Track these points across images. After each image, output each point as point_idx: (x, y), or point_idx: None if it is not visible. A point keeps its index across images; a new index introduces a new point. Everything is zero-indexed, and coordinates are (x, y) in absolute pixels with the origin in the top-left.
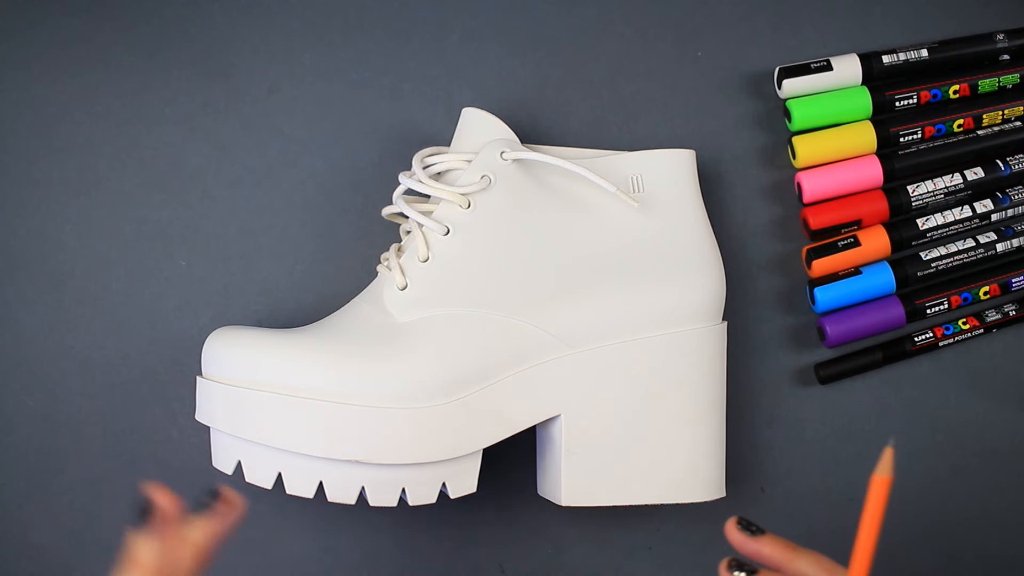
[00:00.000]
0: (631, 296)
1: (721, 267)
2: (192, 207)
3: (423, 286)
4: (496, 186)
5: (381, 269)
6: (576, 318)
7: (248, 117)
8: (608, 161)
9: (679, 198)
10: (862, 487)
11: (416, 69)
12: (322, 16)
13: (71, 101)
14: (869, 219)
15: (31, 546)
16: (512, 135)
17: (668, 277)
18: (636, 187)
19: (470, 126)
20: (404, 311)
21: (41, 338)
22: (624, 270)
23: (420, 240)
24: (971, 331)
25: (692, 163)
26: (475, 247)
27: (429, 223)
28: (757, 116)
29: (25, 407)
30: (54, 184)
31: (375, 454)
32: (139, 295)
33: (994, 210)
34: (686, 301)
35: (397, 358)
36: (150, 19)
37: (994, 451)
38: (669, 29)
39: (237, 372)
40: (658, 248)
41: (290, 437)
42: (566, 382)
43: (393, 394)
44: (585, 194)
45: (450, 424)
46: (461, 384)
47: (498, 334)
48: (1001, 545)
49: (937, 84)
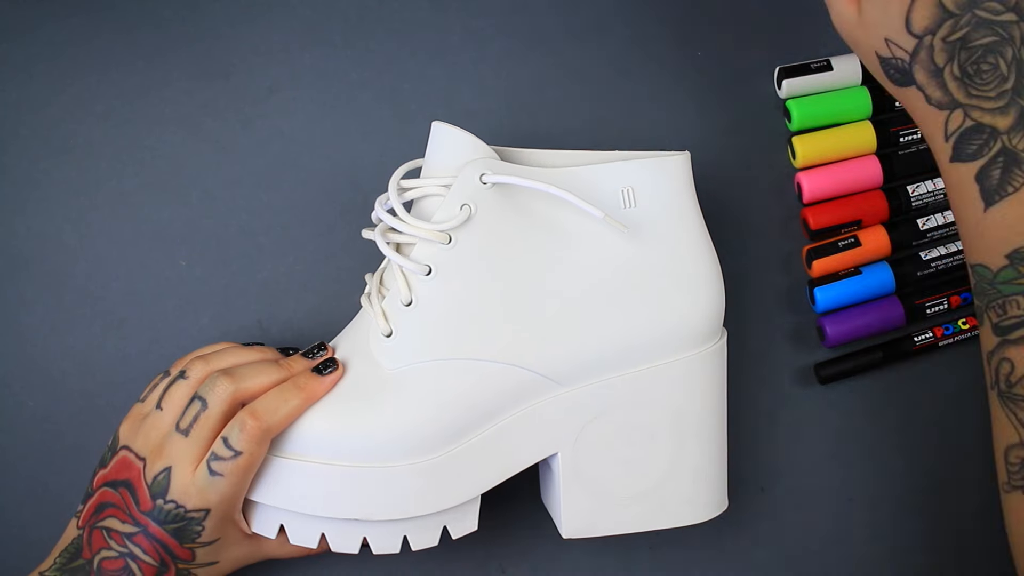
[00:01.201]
0: (625, 326)
1: (721, 283)
2: (192, 207)
3: (409, 334)
4: (477, 216)
5: (364, 302)
6: (568, 356)
7: (248, 117)
8: (598, 173)
9: (675, 210)
10: (862, 487)
11: (416, 69)
12: (322, 16)
13: (71, 101)
14: (869, 219)
15: (31, 546)
16: (489, 151)
17: (665, 301)
18: (628, 202)
19: (442, 144)
20: (392, 360)
21: (41, 338)
22: (617, 298)
23: (402, 282)
24: (971, 331)
25: (688, 168)
26: (459, 288)
27: (409, 264)
28: (757, 116)
29: (25, 407)
30: (54, 184)
31: (376, 513)
32: (139, 295)
33: None
34: (684, 325)
35: (390, 412)
36: (150, 19)
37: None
38: (669, 29)
39: None
40: (653, 269)
41: (288, 498)
42: (561, 421)
43: (389, 452)
44: (573, 217)
45: (449, 474)
46: (456, 434)
47: (491, 380)
48: (1001, 545)
49: None
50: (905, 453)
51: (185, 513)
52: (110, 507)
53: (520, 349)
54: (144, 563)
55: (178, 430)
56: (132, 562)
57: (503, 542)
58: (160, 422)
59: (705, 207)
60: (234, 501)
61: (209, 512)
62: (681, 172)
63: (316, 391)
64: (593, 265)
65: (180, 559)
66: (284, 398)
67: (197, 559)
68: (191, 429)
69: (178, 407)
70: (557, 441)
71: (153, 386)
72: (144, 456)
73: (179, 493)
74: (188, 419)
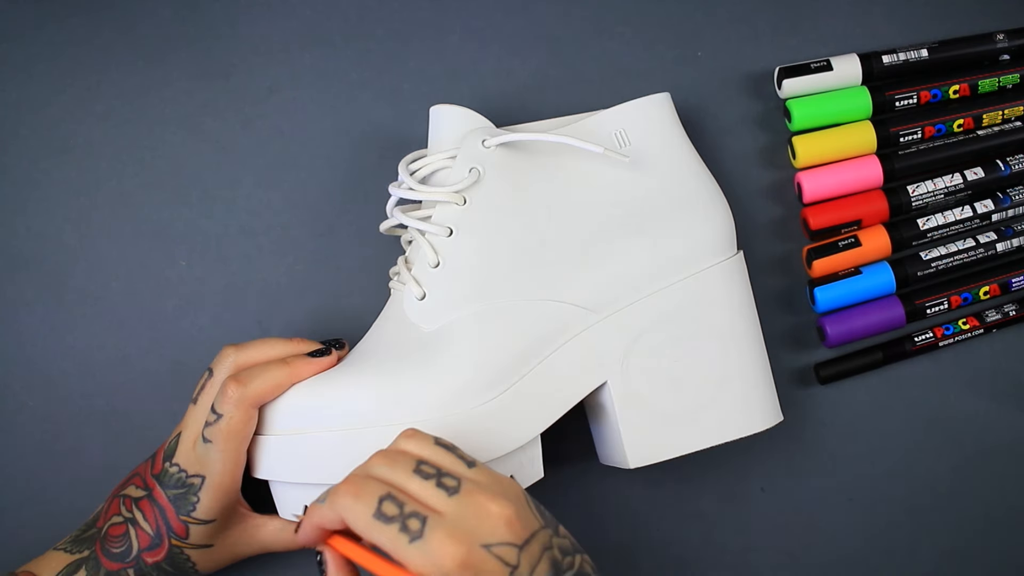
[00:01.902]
0: (644, 250)
1: (723, 198)
2: (192, 207)
3: (441, 291)
4: (486, 176)
5: (394, 285)
6: (596, 285)
7: (248, 117)
8: (588, 123)
9: (667, 142)
10: (862, 487)
11: (416, 69)
12: (322, 16)
13: (71, 101)
14: (869, 219)
15: (31, 546)
16: (486, 121)
17: (675, 222)
18: (622, 142)
19: (441, 123)
20: (429, 320)
21: (41, 338)
22: (631, 226)
23: (426, 247)
24: (971, 331)
25: (671, 105)
26: (480, 241)
27: (430, 228)
28: (757, 116)
29: (25, 407)
30: (54, 184)
31: None
32: (139, 295)
33: (995, 210)
34: (698, 240)
35: (434, 367)
36: (150, 19)
37: (994, 451)
38: (669, 29)
39: (284, 424)
40: (658, 196)
41: (347, 471)
42: (603, 348)
43: (439, 403)
44: (575, 162)
45: (502, 418)
46: (503, 377)
47: (526, 319)
48: (1002, 545)
49: (937, 84)
50: (905, 453)
51: (186, 479)
52: (136, 476)
53: (549, 286)
54: (142, 531)
55: (192, 400)
56: (132, 528)
57: None
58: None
59: None
60: (227, 473)
61: (204, 480)
62: (665, 108)
63: (301, 370)
64: (604, 200)
65: (175, 532)
66: (268, 369)
67: (191, 537)
68: (199, 397)
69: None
70: (604, 368)
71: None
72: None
73: (183, 457)
74: (197, 388)
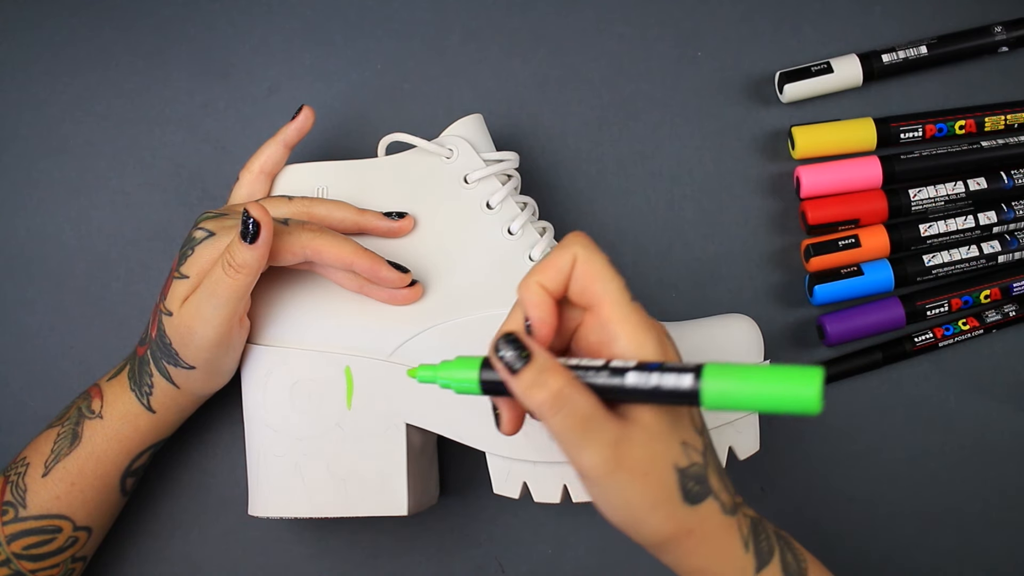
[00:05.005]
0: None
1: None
2: (192, 207)
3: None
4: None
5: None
6: None
7: (248, 117)
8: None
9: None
10: (862, 487)
11: (416, 69)
12: (322, 16)
13: (71, 101)
14: (867, 218)
15: None
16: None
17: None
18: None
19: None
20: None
21: (41, 338)
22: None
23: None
24: (971, 331)
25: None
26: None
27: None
28: (757, 116)
29: (25, 407)
30: (54, 184)
31: None
32: (139, 295)
33: (997, 223)
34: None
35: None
36: (150, 19)
37: (994, 451)
38: (669, 29)
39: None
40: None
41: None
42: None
43: None
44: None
45: None
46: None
47: None
48: (1002, 545)
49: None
50: (905, 453)
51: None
52: None
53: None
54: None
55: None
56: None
57: (503, 542)
58: None
59: (705, 206)
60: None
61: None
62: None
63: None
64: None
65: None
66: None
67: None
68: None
69: None
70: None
71: None
72: None
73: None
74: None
